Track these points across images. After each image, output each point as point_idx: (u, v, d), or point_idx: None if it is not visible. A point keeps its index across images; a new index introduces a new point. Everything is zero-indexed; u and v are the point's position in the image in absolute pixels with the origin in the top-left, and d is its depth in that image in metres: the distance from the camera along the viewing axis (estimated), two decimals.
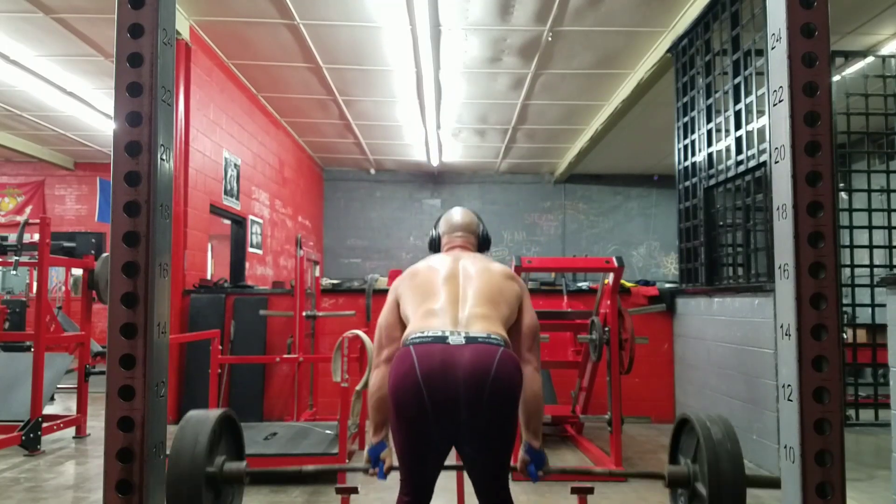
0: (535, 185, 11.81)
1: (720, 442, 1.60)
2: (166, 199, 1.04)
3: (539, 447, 1.90)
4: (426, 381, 1.63)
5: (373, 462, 1.91)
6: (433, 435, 1.70)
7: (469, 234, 2.17)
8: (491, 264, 2.00)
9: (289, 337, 5.25)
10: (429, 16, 5.26)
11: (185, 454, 1.55)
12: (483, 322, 1.78)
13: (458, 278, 1.92)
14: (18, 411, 4.28)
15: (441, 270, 1.94)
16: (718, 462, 1.56)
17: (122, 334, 0.99)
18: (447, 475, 1.96)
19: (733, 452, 1.58)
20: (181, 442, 1.58)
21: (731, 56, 4.30)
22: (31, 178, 10.67)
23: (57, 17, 5.40)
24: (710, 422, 1.67)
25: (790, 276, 1.00)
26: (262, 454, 3.57)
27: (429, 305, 1.83)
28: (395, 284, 2.00)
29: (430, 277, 1.93)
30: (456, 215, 2.21)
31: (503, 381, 1.64)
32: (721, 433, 1.62)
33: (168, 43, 1.05)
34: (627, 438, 4.61)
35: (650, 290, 5.36)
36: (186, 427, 1.62)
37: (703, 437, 1.62)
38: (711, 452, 1.58)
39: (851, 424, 4.51)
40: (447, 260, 2.00)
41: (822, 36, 1.00)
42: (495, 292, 1.88)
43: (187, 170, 5.49)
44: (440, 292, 1.87)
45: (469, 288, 1.88)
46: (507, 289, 1.92)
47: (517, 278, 2.00)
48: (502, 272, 1.97)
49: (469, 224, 2.18)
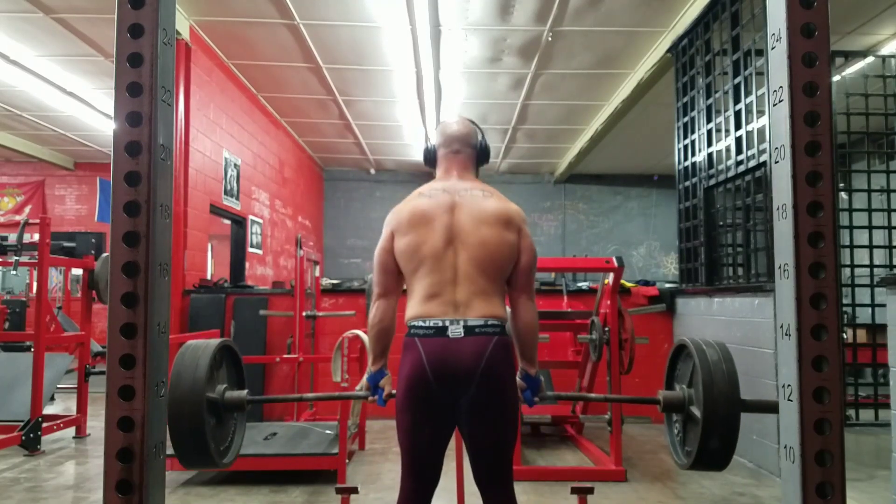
0: (535, 185, 11.81)
1: (716, 363, 1.58)
2: (166, 199, 1.04)
3: (535, 373, 1.97)
4: (433, 370, 1.77)
5: (372, 389, 1.98)
6: (437, 416, 1.81)
7: (466, 146, 2.03)
8: (486, 208, 1.89)
9: (289, 337, 5.25)
10: (429, 16, 5.26)
11: (185, 379, 1.53)
12: (481, 303, 1.82)
13: (455, 241, 1.85)
14: (18, 411, 4.28)
15: (436, 224, 1.87)
16: (713, 384, 1.55)
17: (122, 334, 0.99)
18: (447, 475, 1.96)
19: (729, 373, 1.57)
20: (181, 367, 1.55)
21: (731, 56, 4.30)
22: (31, 178, 10.67)
23: (57, 17, 5.40)
24: (705, 345, 1.66)
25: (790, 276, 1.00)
26: (262, 454, 3.57)
27: (429, 280, 1.83)
28: (391, 223, 1.94)
29: (426, 236, 1.86)
30: (452, 125, 2.06)
31: (491, 373, 1.77)
32: (717, 356, 1.61)
33: (168, 43, 1.05)
34: (627, 438, 4.61)
35: (650, 290, 5.36)
36: (186, 353, 1.59)
37: (698, 361, 1.61)
38: (706, 375, 1.57)
39: (851, 424, 4.51)
40: (443, 202, 1.90)
41: (822, 36, 1.00)
42: (492, 256, 1.85)
43: (187, 170, 5.49)
44: (437, 264, 1.84)
45: (464, 254, 1.84)
46: (504, 247, 1.86)
47: (513, 219, 1.91)
48: (498, 221, 1.87)
49: (467, 135, 2.04)
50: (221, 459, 1.62)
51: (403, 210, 1.94)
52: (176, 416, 1.50)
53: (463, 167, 2.02)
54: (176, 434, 1.50)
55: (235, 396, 1.69)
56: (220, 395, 1.66)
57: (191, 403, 1.51)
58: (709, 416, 1.54)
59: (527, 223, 1.97)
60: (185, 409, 1.50)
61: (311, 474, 3.65)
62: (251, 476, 3.62)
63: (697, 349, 1.65)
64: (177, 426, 1.50)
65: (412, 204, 1.94)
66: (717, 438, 1.54)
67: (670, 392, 1.78)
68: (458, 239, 1.86)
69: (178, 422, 1.50)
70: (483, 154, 2.08)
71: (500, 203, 1.92)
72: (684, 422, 1.75)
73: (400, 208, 1.96)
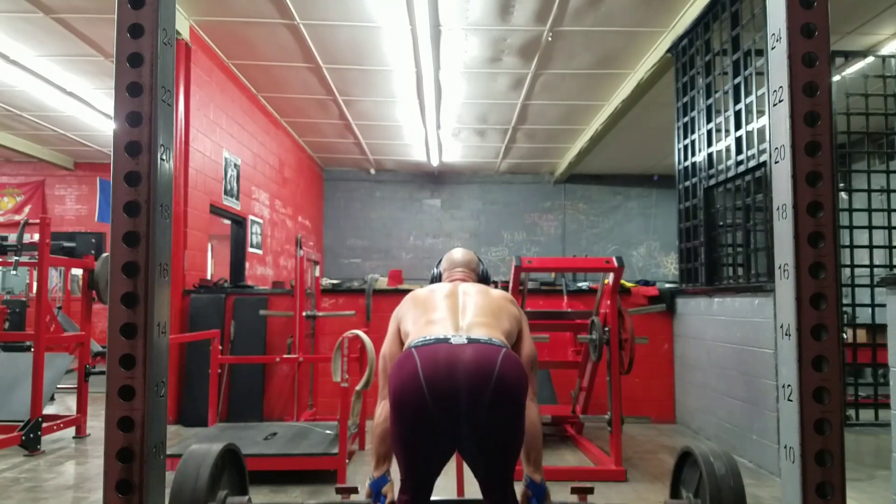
0: (535, 185, 11.81)
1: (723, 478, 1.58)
2: (166, 199, 1.04)
3: (540, 480, 1.91)
4: (428, 380, 1.60)
5: (374, 496, 1.94)
6: (435, 433, 1.66)
7: (469, 270, 2.24)
8: (490, 289, 2.07)
9: (289, 337, 5.25)
10: (429, 16, 5.26)
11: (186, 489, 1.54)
12: (484, 328, 1.81)
13: (458, 296, 1.98)
14: (18, 411, 4.28)
15: (441, 290, 2.01)
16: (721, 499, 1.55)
17: (122, 334, 0.99)
18: (447, 477, 1.96)
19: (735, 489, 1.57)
20: (183, 476, 1.56)
21: (731, 56, 4.30)
22: (31, 178, 10.67)
23: (57, 17, 5.40)
24: (713, 457, 1.65)
25: (790, 276, 1.00)
26: (262, 454, 3.57)
27: (429, 316, 1.87)
28: (396, 312, 2.05)
29: (430, 296, 1.99)
30: (457, 254, 2.30)
31: (507, 379, 1.62)
32: (724, 469, 1.61)
33: (168, 43, 1.05)
34: (627, 438, 4.61)
35: (650, 290, 5.35)
36: (189, 461, 1.60)
37: (706, 473, 1.60)
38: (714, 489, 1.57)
39: (851, 424, 4.51)
40: (447, 285, 2.07)
41: (822, 36, 1.00)
42: (495, 308, 1.94)
43: (187, 170, 5.49)
44: (440, 305, 1.91)
45: (469, 302, 1.93)
46: (507, 309, 1.98)
47: (516, 304, 2.06)
48: (502, 295, 2.03)
49: (469, 262, 2.27)
50: None
51: (407, 297, 2.06)
52: None
53: (466, 277, 2.21)
54: None
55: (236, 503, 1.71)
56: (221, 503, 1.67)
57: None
58: None
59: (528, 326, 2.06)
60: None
61: (311, 474, 3.65)
62: (251, 476, 3.60)
63: (705, 460, 1.64)
64: None
65: (416, 291, 2.08)
66: None
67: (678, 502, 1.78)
68: (464, 295, 1.98)
69: None
70: (484, 279, 2.29)
71: (504, 292, 2.09)
72: None
73: (404, 300, 2.07)
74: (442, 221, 11.76)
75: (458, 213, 11.82)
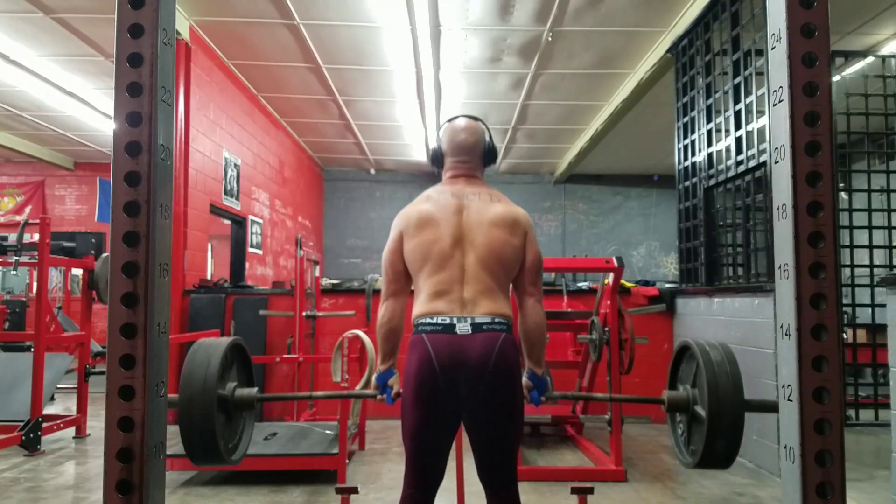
0: (535, 185, 11.81)
1: (719, 364, 1.60)
2: (166, 199, 1.04)
3: (541, 373, 1.99)
4: (441, 366, 1.77)
5: (381, 388, 1.99)
6: (444, 413, 1.81)
7: (473, 155, 2.06)
8: (493, 212, 1.93)
9: (289, 337, 5.25)
10: (429, 16, 5.26)
11: (196, 377, 1.54)
12: (487, 301, 1.85)
13: (463, 242, 1.89)
14: (18, 411, 4.28)
15: (444, 225, 1.90)
16: (718, 385, 1.56)
17: (122, 334, 0.99)
18: (448, 475, 1.96)
19: (732, 374, 1.59)
20: (192, 365, 1.57)
21: (731, 56, 4.30)
22: (31, 178, 10.67)
23: (57, 17, 5.40)
24: (709, 346, 1.67)
25: (790, 276, 1.00)
26: (262, 454, 3.57)
27: (437, 278, 1.86)
28: (400, 223, 1.97)
29: (434, 237, 1.89)
30: (460, 133, 2.06)
31: (501, 370, 1.79)
32: (720, 356, 1.63)
33: (168, 43, 1.05)
34: (627, 438, 4.61)
35: (650, 290, 5.36)
36: (198, 351, 1.61)
37: (702, 361, 1.62)
38: (711, 375, 1.59)
39: (851, 424, 4.51)
40: (450, 205, 1.94)
41: (822, 36, 1.00)
42: (498, 257, 1.89)
43: (187, 170, 5.49)
44: (445, 263, 1.87)
45: (472, 254, 1.88)
46: (509, 249, 1.91)
47: (519, 223, 1.95)
48: (504, 224, 1.92)
49: (475, 144, 2.05)
50: (230, 457, 1.64)
51: (411, 212, 1.97)
52: (187, 413, 1.51)
53: (470, 173, 2.07)
54: (187, 431, 1.51)
55: (245, 394, 1.71)
56: (231, 393, 1.67)
57: (202, 401, 1.52)
58: (714, 416, 1.55)
59: (532, 228, 2.01)
60: (197, 406, 1.52)
61: (311, 474, 3.65)
62: (251, 476, 3.62)
63: (701, 350, 1.66)
64: (188, 424, 1.51)
65: (420, 207, 1.98)
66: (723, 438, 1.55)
67: (674, 392, 1.79)
68: (466, 240, 1.90)
69: (190, 419, 1.51)
70: (490, 157, 2.12)
71: (506, 207, 1.98)
72: (689, 422, 1.76)
73: (408, 210, 2.00)
74: None
75: None
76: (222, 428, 1.61)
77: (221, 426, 1.61)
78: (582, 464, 3.98)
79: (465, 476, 2.75)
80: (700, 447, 1.60)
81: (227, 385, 1.67)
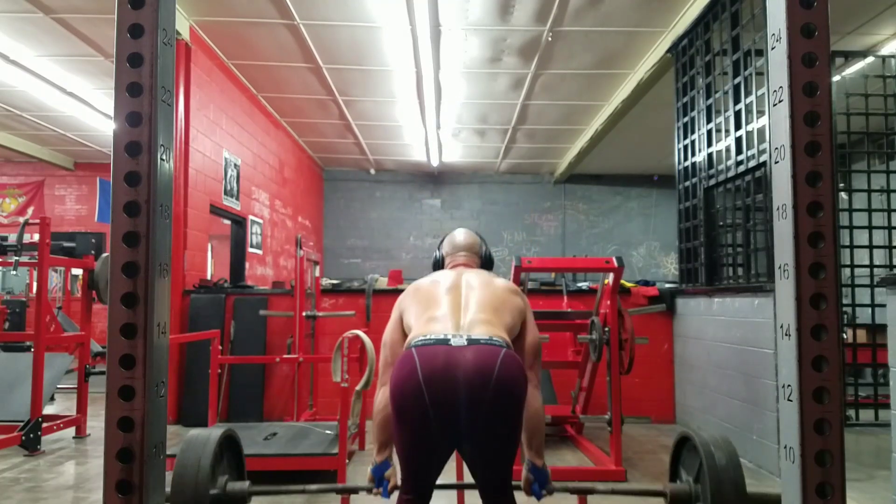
0: (535, 185, 11.81)
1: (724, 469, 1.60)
2: (166, 199, 1.04)
3: (542, 465, 1.92)
4: (427, 382, 1.62)
5: (377, 482, 1.94)
6: (434, 436, 1.68)
7: (472, 254, 2.19)
8: (494, 279, 2.02)
9: (289, 337, 5.25)
10: (429, 16, 5.26)
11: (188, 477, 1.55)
12: (485, 326, 1.78)
13: (461, 288, 1.94)
14: (18, 411, 4.28)
15: (444, 282, 1.97)
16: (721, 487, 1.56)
17: (122, 334, 0.99)
18: (447, 474, 1.96)
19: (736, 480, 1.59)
20: (184, 464, 1.57)
21: (731, 56, 4.30)
22: (31, 178, 10.67)
23: (57, 17, 5.40)
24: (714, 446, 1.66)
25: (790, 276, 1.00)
26: (262, 454, 3.57)
27: (431, 313, 1.85)
28: (399, 301, 2.02)
29: (432, 289, 1.95)
30: (459, 236, 2.23)
31: (506, 381, 1.64)
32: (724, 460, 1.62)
33: (168, 43, 1.05)
34: (627, 438, 4.61)
35: (650, 291, 5.35)
36: (188, 450, 1.61)
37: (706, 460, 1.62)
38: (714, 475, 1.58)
39: (851, 424, 4.51)
40: (450, 273, 2.03)
41: (822, 36, 1.00)
42: (498, 302, 1.90)
43: (187, 170, 5.49)
44: (442, 301, 1.88)
45: (472, 297, 1.89)
46: (511, 301, 1.93)
47: (520, 293, 2.01)
48: (506, 286, 1.99)
49: (472, 245, 2.21)
50: None
51: (410, 287, 2.03)
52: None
53: (471, 262, 2.16)
54: None
55: (237, 489, 1.72)
56: (223, 489, 1.67)
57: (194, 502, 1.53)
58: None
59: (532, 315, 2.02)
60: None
61: (311, 474, 3.64)
62: (251, 476, 3.60)
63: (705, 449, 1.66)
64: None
65: (419, 282, 2.04)
66: None
67: (678, 486, 1.79)
68: (467, 288, 1.94)
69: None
70: (487, 262, 2.23)
71: (508, 281, 2.04)
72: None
73: (406, 289, 2.04)
74: (442, 221, 11.75)
75: (457, 214, 11.82)
76: None
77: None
78: (582, 464, 3.98)
79: (465, 476, 2.74)
80: None
81: (218, 481, 1.67)
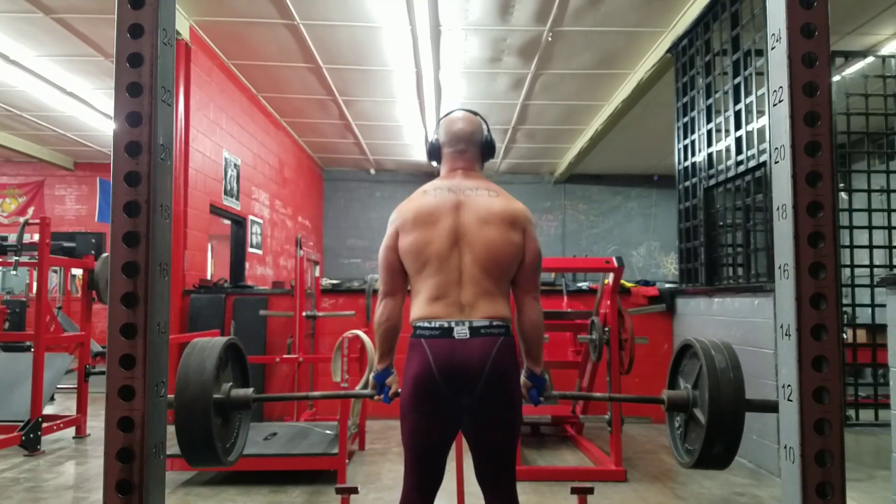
0: (535, 185, 11.81)
1: (723, 371, 1.59)
2: (166, 199, 1.04)
3: (539, 372, 1.97)
4: (440, 371, 1.77)
5: (378, 388, 1.99)
6: (443, 418, 1.82)
7: (471, 144, 2.01)
8: (492, 208, 1.89)
9: (289, 337, 5.25)
10: (429, 16, 5.26)
11: (192, 379, 1.55)
12: (486, 303, 1.83)
13: (460, 241, 1.85)
14: (18, 411, 4.28)
15: (443, 221, 1.86)
16: (720, 393, 1.55)
17: (122, 334, 0.99)
18: (447, 475, 1.96)
19: (736, 380, 1.58)
20: (187, 367, 1.57)
21: (731, 56, 4.29)
22: (31, 178, 10.67)
23: (57, 17, 5.40)
24: (714, 349, 1.66)
25: (790, 276, 1.00)
26: (262, 454, 3.57)
27: (432, 283, 1.83)
28: (395, 221, 1.92)
29: (431, 237, 1.85)
30: (457, 123, 2.02)
31: (497, 374, 1.78)
32: (725, 362, 1.62)
33: (168, 43, 1.05)
34: (627, 438, 4.61)
35: (650, 291, 5.35)
36: (192, 354, 1.61)
37: (706, 367, 1.61)
38: (714, 382, 1.57)
39: (851, 424, 4.51)
40: (448, 201, 1.89)
41: (822, 36, 1.00)
42: (497, 258, 1.85)
43: (187, 170, 5.49)
44: (442, 266, 1.83)
45: (469, 255, 1.84)
46: (509, 247, 1.87)
47: (518, 219, 1.91)
48: (503, 221, 1.87)
49: (472, 133, 2.01)
50: (227, 458, 1.64)
51: (408, 208, 1.92)
52: (184, 418, 1.51)
53: (468, 165, 2.01)
54: (184, 435, 1.51)
55: (241, 395, 1.70)
56: (226, 395, 1.67)
57: (199, 405, 1.52)
58: (714, 422, 1.54)
59: (532, 223, 1.96)
60: (194, 411, 1.51)
61: (311, 474, 3.65)
62: (251, 476, 3.62)
63: (705, 353, 1.65)
64: (185, 428, 1.51)
65: (417, 202, 1.92)
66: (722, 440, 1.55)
67: (675, 392, 1.78)
68: (464, 240, 1.85)
69: (187, 423, 1.51)
70: (488, 149, 2.07)
71: (505, 203, 1.92)
72: (686, 421, 1.75)
73: (404, 206, 1.94)
74: None
75: None
76: (219, 429, 1.61)
77: (218, 428, 1.61)
78: (582, 464, 3.98)
79: (466, 476, 2.75)
80: (698, 448, 1.60)
81: (222, 386, 1.67)
